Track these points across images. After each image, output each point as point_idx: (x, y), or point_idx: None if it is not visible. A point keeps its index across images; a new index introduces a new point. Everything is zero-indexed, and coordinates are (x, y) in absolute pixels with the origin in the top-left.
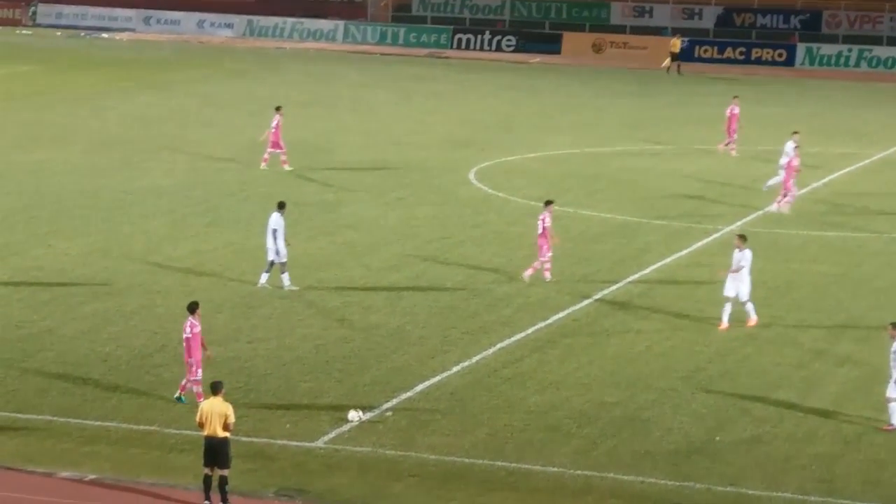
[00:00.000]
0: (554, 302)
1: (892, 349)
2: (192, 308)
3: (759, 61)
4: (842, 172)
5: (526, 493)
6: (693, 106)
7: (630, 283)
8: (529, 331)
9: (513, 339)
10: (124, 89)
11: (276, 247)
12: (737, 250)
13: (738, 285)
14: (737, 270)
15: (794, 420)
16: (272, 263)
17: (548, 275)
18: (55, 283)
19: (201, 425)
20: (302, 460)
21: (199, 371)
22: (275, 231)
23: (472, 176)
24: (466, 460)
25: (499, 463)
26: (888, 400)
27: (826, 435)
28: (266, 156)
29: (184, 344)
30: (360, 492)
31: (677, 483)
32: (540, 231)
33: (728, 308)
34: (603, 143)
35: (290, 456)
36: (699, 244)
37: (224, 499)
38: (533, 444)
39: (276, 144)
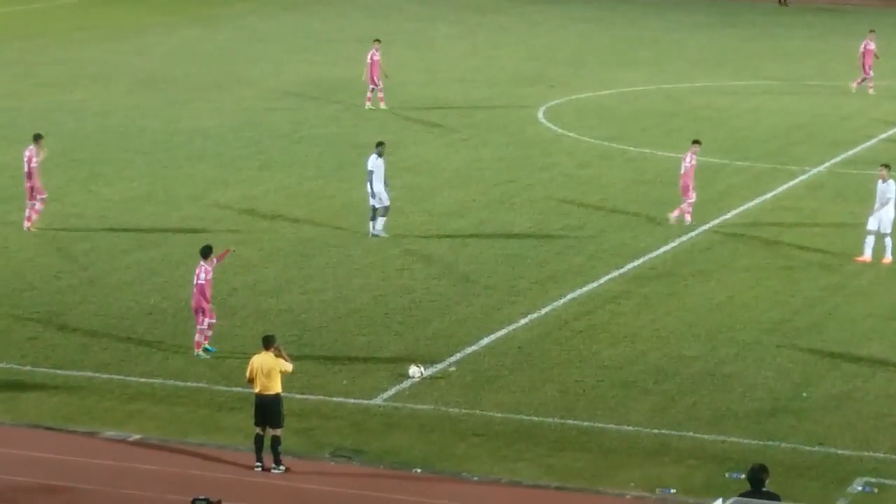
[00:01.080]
0: (629, 249)
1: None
2: (206, 253)
3: None
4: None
5: (599, 454)
6: (779, 38)
7: (711, 228)
8: (602, 280)
9: (585, 289)
10: (169, 24)
11: (372, 190)
12: (881, 181)
13: (880, 218)
14: (883, 204)
15: (887, 375)
16: (374, 209)
17: (688, 217)
18: (96, 229)
19: (251, 381)
20: (359, 419)
21: (207, 320)
22: (371, 173)
23: (540, 115)
24: (535, 419)
25: (570, 421)
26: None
27: None
28: (369, 94)
29: (195, 290)
30: (422, 453)
31: (761, 443)
32: (683, 171)
33: (870, 241)
34: (680, 80)
35: (347, 414)
36: (784, 187)
37: (277, 460)
38: (606, 402)
39: (372, 80)
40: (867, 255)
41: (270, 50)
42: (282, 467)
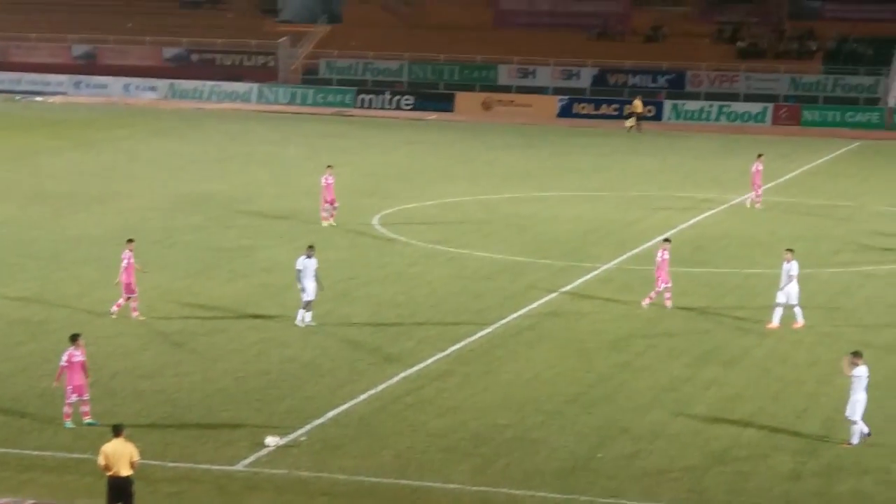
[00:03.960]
0: (452, 334)
1: (853, 373)
2: (74, 338)
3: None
4: (706, 215)
5: None
6: (573, 156)
7: (519, 316)
8: (429, 361)
9: (414, 368)
10: (56, 147)
11: (302, 286)
12: (785, 262)
13: (787, 292)
14: (788, 282)
15: (667, 438)
16: (307, 302)
17: (669, 304)
18: None
19: (107, 468)
20: (223, 483)
21: (75, 396)
22: (299, 272)
23: (375, 222)
24: (373, 480)
25: (403, 482)
26: (848, 420)
27: (696, 450)
28: (324, 213)
29: (59, 371)
30: None
31: (564, 496)
32: (657, 265)
33: (779, 311)
34: (493, 192)
35: (212, 479)
36: (580, 281)
37: None
38: (433, 464)
39: (326, 201)
40: (776, 322)
41: (144, 169)
42: None
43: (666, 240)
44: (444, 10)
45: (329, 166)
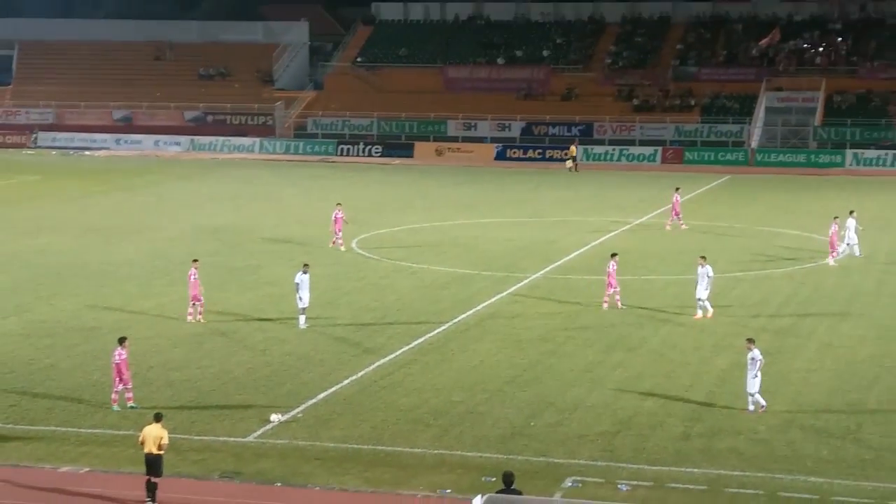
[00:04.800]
0: (415, 331)
1: (749, 356)
2: (121, 340)
3: (551, 159)
4: (612, 234)
5: (399, 468)
6: (507, 191)
7: (468, 316)
8: (398, 352)
9: (386, 358)
10: (102, 191)
11: (299, 296)
12: (700, 267)
13: (700, 290)
14: (702, 284)
15: (584, 409)
16: (303, 309)
17: (619, 304)
18: (56, 331)
19: (142, 444)
20: (237, 451)
21: (121, 386)
22: (297, 285)
23: (354, 244)
24: (356, 446)
25: (379, 447)
26: (748, 394)
27: (607, 418)
28: (335, 239)
29: (113, 367)
30: (281, 473)
31: (505, 456)
32: (608, 274)
33: (700, 304)
34: (445, 219)
35: (229, 449)
36: (514, 288)
37: (152, 497)
38: (402, 433)
39: (338, 231)
40: (700, 314)
41: (171, 207)
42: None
43: (613, 254)
44: (405, 78)
45: (339, 204)
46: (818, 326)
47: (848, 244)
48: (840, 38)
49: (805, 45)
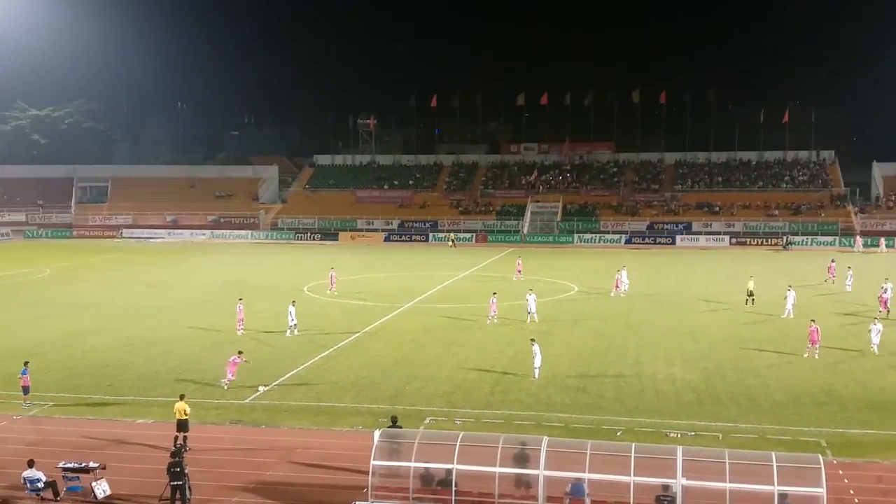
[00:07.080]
0: (341, 336)
1: (532, 349)
2: (240, 353)
3: (415, 241)
4: (449, 282)
5: (333, 415)
6: (392, 258)
7: (369, 328)
8: (333, 348)
9: (327, 352)
10: (158, 262)
11: (291, 318)
12: (528, 294)
13: (530, 306)
14: (531, 301)
15: (436, 379)
16: (293, 325)
17: (496, 320)
18: (134, 342)
19: (175, 413)
20: (239, 408)
21: (231, 377)
22: (291, 312)
23: (306, 289)
24: (308, 403)
25: (321, 404)
26: (534, 367)
27: (449, 384)
28: (332, 287)
29: (230, 363)
30: (265, 419)
31: (392, 406)
32: (491, 303)
33: (530, 315)
34: (358, 274)
35: (234, 407)
36: (394, 312)
37: (184, 447)
38: (336, 396)
39: (332, 283)
40: (528, 320)
41: (199, 270)
42: (187, 445)
43: (494, 293)
44: (332, 197)
45: (332, 268)
46: (562, 331)
47: (621, 288)
48: (569, 174)
49: (551, 178)
